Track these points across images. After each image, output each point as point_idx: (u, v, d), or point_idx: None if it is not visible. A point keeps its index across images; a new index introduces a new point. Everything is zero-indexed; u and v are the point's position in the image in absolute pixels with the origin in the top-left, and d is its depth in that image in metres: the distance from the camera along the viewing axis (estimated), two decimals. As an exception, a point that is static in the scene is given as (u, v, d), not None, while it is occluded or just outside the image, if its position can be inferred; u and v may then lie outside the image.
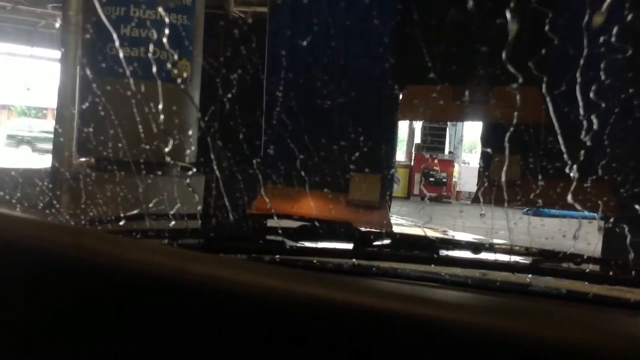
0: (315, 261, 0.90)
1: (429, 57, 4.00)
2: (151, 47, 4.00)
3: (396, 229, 7.88)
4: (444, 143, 13.99)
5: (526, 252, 0.97)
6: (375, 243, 0.93)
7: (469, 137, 14.84)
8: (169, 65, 4.03)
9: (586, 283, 0.93)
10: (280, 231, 0.90)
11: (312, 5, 4.13)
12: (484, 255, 0.95)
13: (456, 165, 14.17)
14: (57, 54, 4.25)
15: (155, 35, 4.04)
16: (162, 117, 3.58)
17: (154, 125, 3.39)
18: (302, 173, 3.90)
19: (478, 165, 5.04)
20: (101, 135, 3.72)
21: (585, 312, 0.80)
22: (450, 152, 14.21)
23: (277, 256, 0.89)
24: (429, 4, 4.07)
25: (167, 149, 3.62)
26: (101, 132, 3.73)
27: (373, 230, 0.96)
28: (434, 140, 13.76)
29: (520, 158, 3.82)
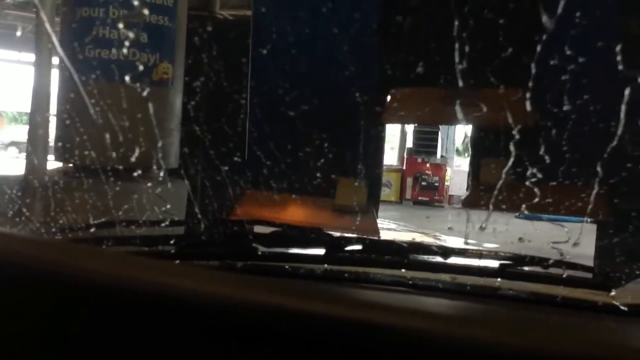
0: (287, 267, 0.95)
1: (416, 60, 4.05)
2: (131, 50, 4.02)
3: (388, 234, 7.95)
4: (435, 147, 14.09)
5: (495, 256, 1.02)
6: (347, 248, 0.97)
7: (460, 140, 14.94)
8: (149, 69, 4.07)
9: (554, 286, 0.99)
10: (252, 237, 0.94)
11: (296, 8, 4.18)
12: (454, 260, 1.00)
13: (448, 169, 14.27)
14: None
15: (135, 38, 4.05)
16: (142, 121, 3.61)
17: (133, 130, 3.42)
18: (287, 178, 3.95)
19: (468, 169, 5.09)
20: (79, 141, 3.73)
21: (551, 317, 0.85)
22: (442, 156, 14.30)
23: (250, 262, 0.93)
24: (415, 6, 4.13)
25: (148, 154, 3.65)
26: (79, 137, 3.74)
27: (344, 235, 1.00)
28: (425, 144, 13.88)
29: (510, 161, 3.87)
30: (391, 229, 8.96)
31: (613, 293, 0.97)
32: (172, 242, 0.88)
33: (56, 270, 0.55)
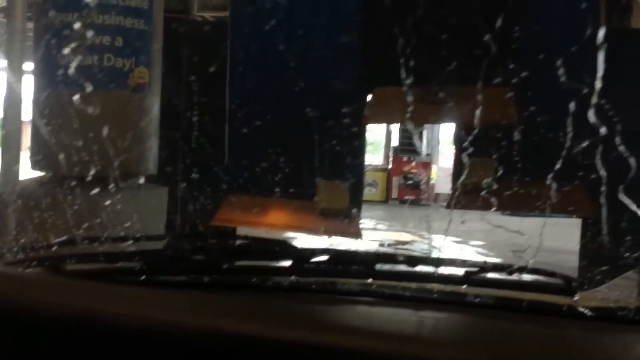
0: (254, 280, 0.96)
1: (397, 59, 4.07)
2: (106, 56, 4.00)
3: (374, 234, 8.00)
4: (421, 145, 14.22)
5: (462, 264, 1.04)
6: (313, 260, 0.99)
7: (446, 138, 15.08)
8: (125, 74, 4.06)
9: (520, 292, 1.01)
10: (218, 251, 0.95)
11: (274, 10, 4.18)
12: (421, 268, 1.02)
13: (434, 168, 14.39)
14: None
15: (110, 43, 4.04)
16: (119, 128, 3.60)
17: (110, 137, 3.41)
18: (267, 182, 3.96)
19: (452, 169, 5.12)
20: (55, 150, 3.72)
21: (515, 327, 0.88)
22: (427, 155, 14.43)
23: (216, 276, 0.95)
24: (395, 5, 4.15)
25: (125, 161, 3.63)
26: (55, 146, 3.73)
27: (310, 247, 1.02)
28: (411, 142, 14.00)
29: (494, 160, 3.90)
30: (378, 229, 9.02)
31: (577, 298, 0.99)
32: (137, 258, 0.90)
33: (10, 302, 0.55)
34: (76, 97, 3.67)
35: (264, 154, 4.12)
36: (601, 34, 1.41)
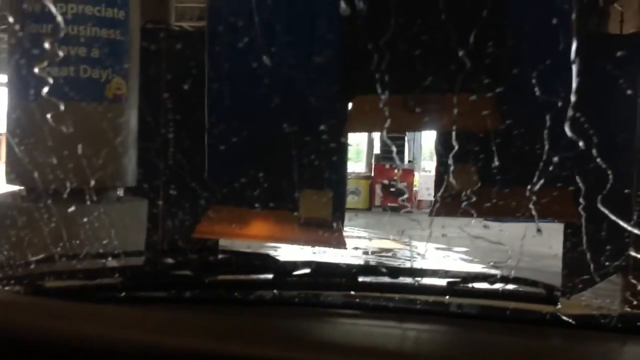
0: (236, 294, 0.96)
1: (377, 67, 4.10)
2: (82, 66, 3.98)
3: (358, 242, 8.02)
4: (403, 152, 14.36)
5: (444, 274, 1.05)
6: (295, 272, 1.00)
7: (428, 144, 15.22)
8: (102, 85, 4.03)
9: (502, 301, 1.03)
10: (198, 266, 0.95)
11: (252, 16, 4.19)
12: (403, 280, 1.03)
13: (416, 174, 14.53)
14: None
15: (86, 53, 4.02)
16: (97, 140, 3.58)
17: (88, 149, 3.38)
18: (249, 193, 3.95)
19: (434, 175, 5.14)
20: (30, 162, 3.68)
21: (498, 337, 0.89)
22: (409, 161, 14.56)
23: (197, 290, 0.95)
24: (375, 12, 4.17)
25: (103, 174, 3.61)
26: (30, 158, 3.70)
27: (291, 260, 1.03)
28: (392, 150, 14.13)
29: (476, 167, 3.92)
30: (361, 236, 9.05)
31: (559, 306, 1.01)
32: (116, 274, 0.90)
33: None
34: (52, 109, 3.65)
35: (244, 165, 4.11)
36: (578, 41, 1.44)
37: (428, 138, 15.19)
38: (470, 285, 1.04)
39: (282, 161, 4.01)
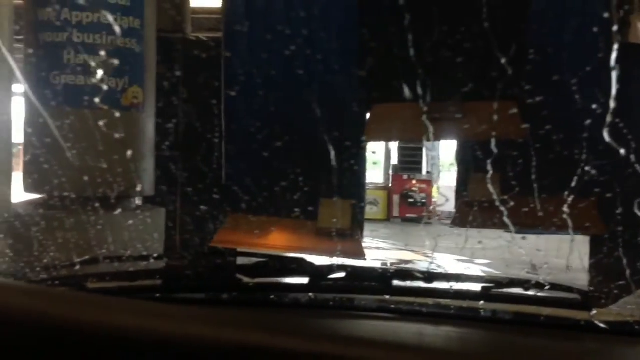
0: (272, 297, 1.00)
1: (397, 74, 4.11)
2: (98, 75, 4.06)
3: (377, 254, 8.04)
4: (421, 163, 14.41)
5: (478, 279, 1.08)
6: (330, 276, 1.04)
7: (446, 155, 15.26)
8: (118, 94, 4.11)
9: (536, 307, 1.05)
10: (236, 269, 0.99)
11: (270, 24, 4.23)
12: (437, 284, 1.07)
13: (435, 185, 14.56)
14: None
15: (102, 62, 4.09)
16: (113, 149, 3.64)
17: (105, 158, 3.45)
18: (267, 202, 3.98)
19: (455, 186, 5.13)
20: (48, 171, 3.75)
21: (532, 341, 0.91)
22: (428, 172, 14.59)
23: (234, 294, 0.99)
24: (395, 18, 4.18)
25: (121, 183, 3.67)
26: (48, 167, 3.77)
27: (327, 264, 1.07)
28: (410, 160, 14.22)
29: (499, 177, 3.91)
30: (380, 247, 9.07)
31: (594, 312, 1.03)
32: (156, 276, 0.94)
33: (35, 318, 0.58)
34: (68, 118, 3.72)
35: (262, 173, 4.14)
36: (611, 49, 1.47)
37: (446, 149, 15.23)
38: (504, 290, 1.07)
39: (300, 170, 4.03)
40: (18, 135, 4.16)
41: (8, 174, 3.93)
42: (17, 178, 4.15)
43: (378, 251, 8.42)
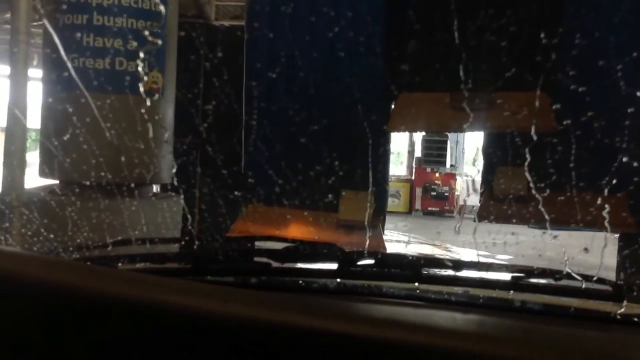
0: (300, 282, 1.04)
1: (424, 61, 4.11)
2: (118, 59, 4.09)
3: (397, 247, 8.06)
4: (445, 156, 14.42)
5: (508, 268, 1.11)
6: (359, 262, 1.07)
7: (470, 148, 15.25)
8: (137, 78, 4.14)
9: (567, 298, 1.08)
10: (265, 253, 1.03)
11: (293, 12, 4.23)
12: (467, 273, 1.09)
13: (458, 178, 14.58)
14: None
15: (122, 46, 4.12)
16: (131, 134, 3.69)
17: (122, 143, 3.50)
18: (286, 192, 4.01)
19: (481, 179, 5.11)
20: (64, 156, 3.81)
21: (563, 330, 0.94)
22: (451, 165, 14.60)
23: (264, 277, 1.02)
24: (422, 4, 4.16)
25: (138, 169, 3.72)
26: (64, 152, 3.83)
27: (357, 250, 1.10)
28: (434, 153, 14.24)
29: (527, 171, 3.89)
30: (401, 241, 9.10)
31: (626, 304, 1.05)
32: (186, 259, 0.97)
33: (74, 291, 0.62)
34: (86, 103, 3.77)
35: (282, 163, 4.16)
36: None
37: (471, 141, 15.22)
38: (535, 280, 1.09)
39: (322, 160, 4.03)
40: (33, 121, 4.20)
41: (22, 159, 3.98)
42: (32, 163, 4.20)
43: (399, 244, 8.46)
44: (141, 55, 4.14)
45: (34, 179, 4.31)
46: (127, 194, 3.51)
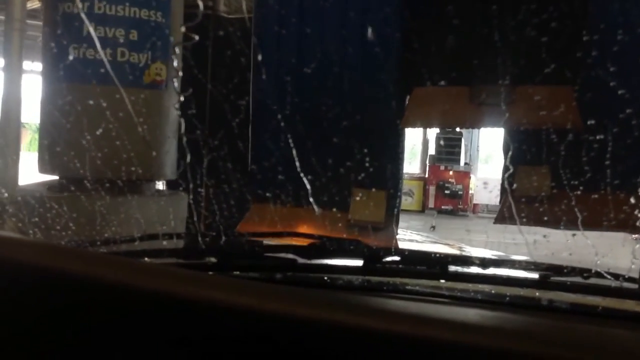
0: (326, 278, 1.09)
1: (440, 54, 4.12)
2: (119, 50, 4.11)
3: (411, 246, 8.11)
4: (459, 154, 14.49)
5: (534, 267, 1.16)
6: (385, 259, 1.12)
7: (485, 146, 15.33)
8: (140, 70, 4.17)
9: (595, 297, 1.12)
10: (292, 249, 1.09)
11: (303, 6, 4.24)
12: (493, 271, 1.14)
13: (472, 177, 14.65)
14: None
15: (124, 36, 4.13)
16: (133, 128, 3.73)
17: (124, 138, 3.54)
18: (295, 190, 4.02)
19: (500, 177, 5.10)
20: (64, 151, 3.84)
21: (590, 329, 0.98)
22: (466, 164, 14.67)
23: (289, 273, 1.08)
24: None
25: (140, 165, 3.76)
26: (64, 147, 3.86)
27: (382, 246, 1.15)
28: (448, 151, 14.32)
29: (550, 169, 3.89)
30: (413, 240, 9.15)
31: (656, 303, 1.10)
32: (212, 254, 1.03)
33: (96, 282, 0.67)
34: (87, 95, 3.80)
35: (291, 160, 4.16)
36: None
37: (485, 139, 15.31)
38: (563, 278, 1.14)
39: (332, 157, 4.03)
40: (27, 114, 4.21)
41: (16, 154, 4.01)
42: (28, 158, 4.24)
43: (411, 244, 8.52)
44: (143, 46, 4.15)
45: (34, 175, 4.36)
46: (127, 192, 3.54)
